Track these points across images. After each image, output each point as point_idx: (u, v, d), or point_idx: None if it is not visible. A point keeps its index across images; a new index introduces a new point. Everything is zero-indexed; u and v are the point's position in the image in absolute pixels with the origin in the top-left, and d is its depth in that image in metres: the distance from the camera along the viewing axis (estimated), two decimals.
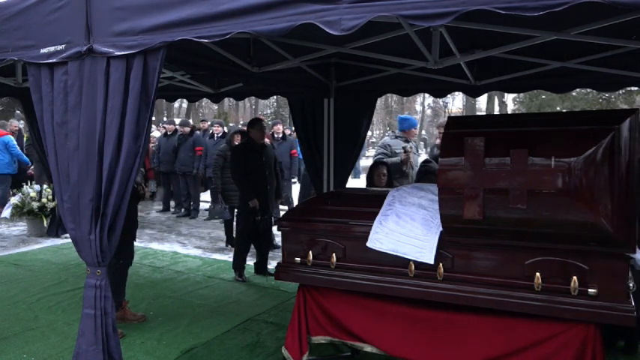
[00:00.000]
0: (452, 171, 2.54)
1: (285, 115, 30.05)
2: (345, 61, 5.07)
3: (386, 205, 2.96)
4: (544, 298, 2.45)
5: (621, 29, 3.37)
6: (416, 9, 1.77)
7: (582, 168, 2.25)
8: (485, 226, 2.47)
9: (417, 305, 2.80)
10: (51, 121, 2.55)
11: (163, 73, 4.79)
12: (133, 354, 3.61)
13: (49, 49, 2.48)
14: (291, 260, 3.12)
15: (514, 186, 2.37)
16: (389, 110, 40.68)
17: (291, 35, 2.23)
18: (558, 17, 1.91)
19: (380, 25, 3.35)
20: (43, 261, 6.22)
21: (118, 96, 2.36)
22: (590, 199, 2.26)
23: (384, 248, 2.76)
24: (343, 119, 5.49)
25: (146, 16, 2.24)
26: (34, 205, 7.43)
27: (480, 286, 2.59)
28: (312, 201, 3.62)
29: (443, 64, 4.11)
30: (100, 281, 2.56)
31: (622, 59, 4.10)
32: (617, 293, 2.34)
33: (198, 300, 4.83)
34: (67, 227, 2.63)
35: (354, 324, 2.98)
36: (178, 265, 6.15)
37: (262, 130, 5.70)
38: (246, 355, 3.65)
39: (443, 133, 2.79)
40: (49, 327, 4.09)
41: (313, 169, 5.79)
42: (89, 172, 2.47)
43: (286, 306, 4.58)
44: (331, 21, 1.88)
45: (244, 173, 5.45)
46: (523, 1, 1.62)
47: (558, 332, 2.47)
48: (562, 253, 2.42)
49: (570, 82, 4.80)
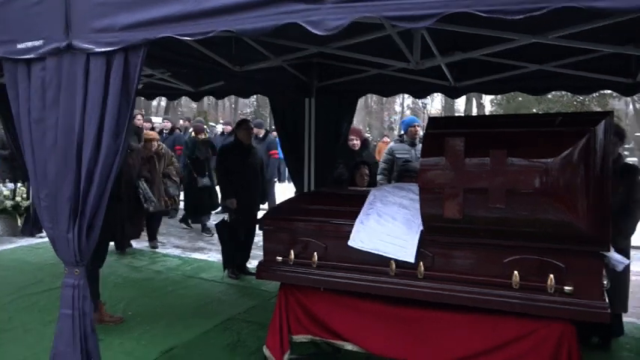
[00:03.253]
0: (432, 171, 2.57)
1: (265, 114, 29.94)
2: (327, 60, 5.09)
3: (367, 204, 2.98)
4: (522, 295, 2.49)
5: (597, 33, 3.45)
6: (399, 10, 1.78)
7: (559, 168, 2.31)
8: (465, 225, 2.51)
9: (397, 303, 2.82)
10: (28, 118, 2.49)
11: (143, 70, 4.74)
12: (112, 354, 3.56)
13: (26, 45, 2.42)
14: (272, 259, 3.11)
15: (493, 186, 2.41)
16: (369, 110, 40.83)
17: (273, 34, 2.23)
18: (537, 21, 1.95)
19: (362, 25, 3.37)
20: (17, 261, 6.09)
21: (98, 93, 2.32)
22: (567, 198, 2.31)
23: (366, 247, 2.78)
24: (324, 119, 5.51)
25: (127, 12, 2.21)
26: (7, 203, 7.26)
27: (459, 284, 2.63)
28: (293, 200, 3.62)
29: (424, 65, 4.16)
30: (78, 281, 2.52)
31: (597, 63, 4.21)
32: (592, 291, 2.40)
33: (177, 300, 4.79)
34: (44, 226, 2.58)
35: (335, 322, 2.99)
36: (157, 264, 6.09)
37: (249, 131, 5.70)
38: (227, 354, 3.63)
39: (425, 133, 2.82)
40: (23, 328, 4.01)
41: (294, 169, 5.79)
42: (67, 170, 2.42)
43: (267, 305, 4.57)
44: (315, 21, 1.88)
45: (228, 173, 5.44)
46: (504, 4, 1.65)
47: (536, 329, 2.52)
48: (539, 251, 2.47)
49: (547, 85, 4.92)
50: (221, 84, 5.63)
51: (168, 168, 7.09)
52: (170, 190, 7.12)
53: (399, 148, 5.75)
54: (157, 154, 6.84)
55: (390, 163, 5.67)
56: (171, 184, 7.16)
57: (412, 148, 5.66)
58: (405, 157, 5.58)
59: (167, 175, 7.05)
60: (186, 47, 3.79)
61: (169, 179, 7.09)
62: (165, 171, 7.03)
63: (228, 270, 5.56)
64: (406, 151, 5.69)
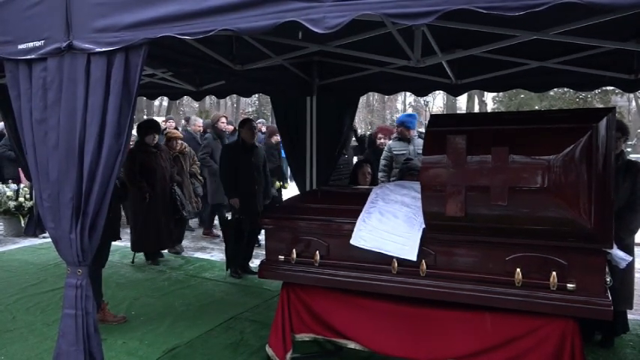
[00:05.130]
0: (434, 168, 2.57)
1: (267, 113, 29.93)
2: (328, 59, 5.08)
3: (369, 202, 2.97)
4: (524, 293, 2.49)
5: (598, 30, 3.44)
6: (399, 8, 1.77)
7: (561, 165, 2.30)
8: (467, 222, 2.51)
9: (400, 302, 2.82)
10: (29, 119, 2.50)
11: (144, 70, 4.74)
12: (115, 354, 3.57)
13: (27, 45, 2.43)
14: (274, 258, 3.11)
15: (495, 183, 2.41)
16: (370, 109, 40.81)
17: (274, 33, 2.23)
18: (538, 17, 1.94)
19: (363, 23, 3.36)
20: (20, 261, 6.10)
21: (99, 93, 2.32)
22: (569, 196, 2.30)
23: (368, 245, 2.77)
24: (326, 117, 5.50)
25: (128, 12, 2.21)
26: (10, 204, 7.28)
27: (462, 282, 2.63)
28: (295, 199, 3.62)
29: (425, 62, 4.15)
30: (80, 281, 2.52)
31: (599, 59, 4.19)
32: (594, 288, 2.40)
33: (180, 299, 4.79)
34: (47, 226, 2.58)
35: (337, 321, 2.99)
36: (160, 264, 6.09)
37: (252, 130, 5.70)
38: (230, 353, 3.63)
39: (426, 130, 2.81)
40: (27, 328, 4.02)
41: (296, 168, 5.79)
42: (69, 170, 2.43)
43: (270, 304, 4.57)
44: (315, 19, 1.87)
45: (231, 172, 5.45)
46: (504, 0, 1.64)
47: (538, 326, 2.52)
48: (542, 249, 2.46)
49: (549, 82, 4.90)
50: (222, 83, 5.62)
51: (192, 167, 6.94)
52: (197, 190, 7.00)
53: (396, 145, 5.81)
54: (182, 153, 6.74)
55: (390, 161, 5.80)
56: (198, 184, 7.03)
57: (409, 145, 5.76)
58: (402, 153, 5.64)
59: (193, 175, 6.92)
60: (187, 47, 3.79)
61: (196, 179, 6.95)
62: (192, 170, 6.91)
63: (230, 269, 5.56)
64: (404, 147, 5.76)
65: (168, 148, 6.40)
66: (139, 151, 5.67)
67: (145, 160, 5.63)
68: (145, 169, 5.61)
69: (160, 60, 3.70)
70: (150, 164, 5.66)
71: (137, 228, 5.77)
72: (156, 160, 5.74)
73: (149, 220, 5.66)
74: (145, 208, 5.61)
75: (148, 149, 5.71)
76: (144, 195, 5.55)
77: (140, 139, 5.77)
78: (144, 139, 5.71)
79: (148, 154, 5.68)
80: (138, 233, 5.78)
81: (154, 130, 5.83)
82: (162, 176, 5.78)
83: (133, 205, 5.74)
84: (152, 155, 5.72)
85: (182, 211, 6.02)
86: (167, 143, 6.58)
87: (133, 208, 5.80)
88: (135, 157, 5.56)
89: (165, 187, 5.82)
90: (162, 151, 5.93)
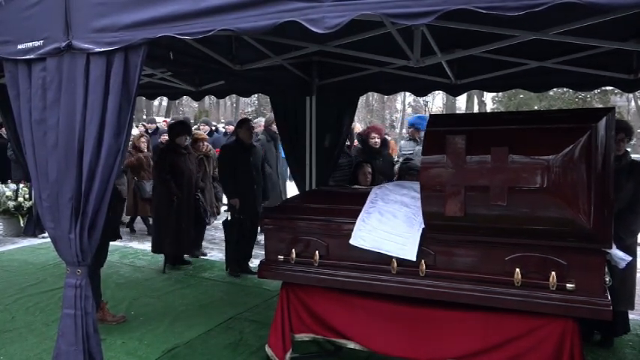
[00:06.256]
0: (434, 168, 2.57)
1: (266, 113, 29.91)
2: (327, 59, 5.08)
3: (369, 202, 2.97)
4: (524, 293, 2.49)
5: (598, 30, 3.44)
6: (399, 7, 1.78)
7: (560, 165, 2.30)
8: (467, 222, 2.51)
9: (399, 301, 2.82)
10: (29, 119, 2.50)
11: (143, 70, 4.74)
12: (114, 354, 3.57)
13: (26, 45, 2.42)
14: (274, 258, 3.11)
15: (494, 183, 2.41)
16: (370, 109, 40.81)
17: (273, 33, 2.23)
18: (537, 17, 1.94)
19: (362, 23, 3.37)
20: (19, 261, 6.09)
21: (99, 93, 2.32)
22: (568, 195, 2.31)
23: (367, 245, 2.77)
24: (325, 117, 5.51)
25: (127, 12, 2.21)
26: (10, 204, 7.27)
27: (461, 282, 2.63)
28: (294, 199, 3.62)
29: (424, 62, 4.15)
30: (80, 281, 2.52)
31: (598, 59, 4.19)
32: (594, 288, 2.40)
33: (179, 299, 4.79)
34: (46, 226, 2.58)
35: (337, 321, 2.99)
36: (159, 264, 6.08)
37: (250, 130, 5.71)
38: (229, 353, 3.63)
39: (425, 130, 2.82)
40: (26, 328, 4.01)
41: (295, 167, 5.79)
42: (69, 170, 2.42)
43: (269, 304, 4.57)
44: (314, 19, 1.87)
45: (231, 172, 5.44)
46: (504, 0, 1.64)
47: (538, 326, 2.52)
48: (541, 249, 2.46)
49: (548, 82, 4.90)
50: (222, 83, 5.63)
51: (215, 170, 6.67)
52: (219, 194, 6.89)
53: (406, 145, 5.87)
54: (207, 155, 6.63)
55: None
56: (220, 188, 6.80)
57: (417, 145, 5.82)
58: (409, 153, 5.68)
59: (216, 179, 6.67)
60: (187, 47, 3.79)
61: (218, 183, 6.67)
62: (215, 174, 6.70)
63: (229, 269, 5.55)
64: (411, 148, 5.82)
65: (195, 150, 6.29)
66: (169, 150, 5.62)
67: (174, 161, 5.56)
68: (173, 170, 5.54)
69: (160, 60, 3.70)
70: (179, 165, 5.58)
71: (160, 230, 5.66)
72: (185, 162, 5.67)
73: (171, 222, 5.54)
74: (171, 211, 5.51)
75: (179, 150, 5.63)
76: (172, 196, 5.46)
77: (171, 140, 5.71)
78: (175, 140, 5.64)
79: (178, 154, 5.61)
80: (160, 235, 5.65)
81: (186, 132, 5.80)
82: (189, 179, 5.69)
83: (158, 206, 5.66)
84: (182, 157, 5.64)
85: (205, 218, 5.99)
86: (193, 145, 6.41)
87: (157, 208, 5.72)
88: (165, 156, 5.53)
89: (190, 191, 5.73)
90: (191, 154, 5.87)
